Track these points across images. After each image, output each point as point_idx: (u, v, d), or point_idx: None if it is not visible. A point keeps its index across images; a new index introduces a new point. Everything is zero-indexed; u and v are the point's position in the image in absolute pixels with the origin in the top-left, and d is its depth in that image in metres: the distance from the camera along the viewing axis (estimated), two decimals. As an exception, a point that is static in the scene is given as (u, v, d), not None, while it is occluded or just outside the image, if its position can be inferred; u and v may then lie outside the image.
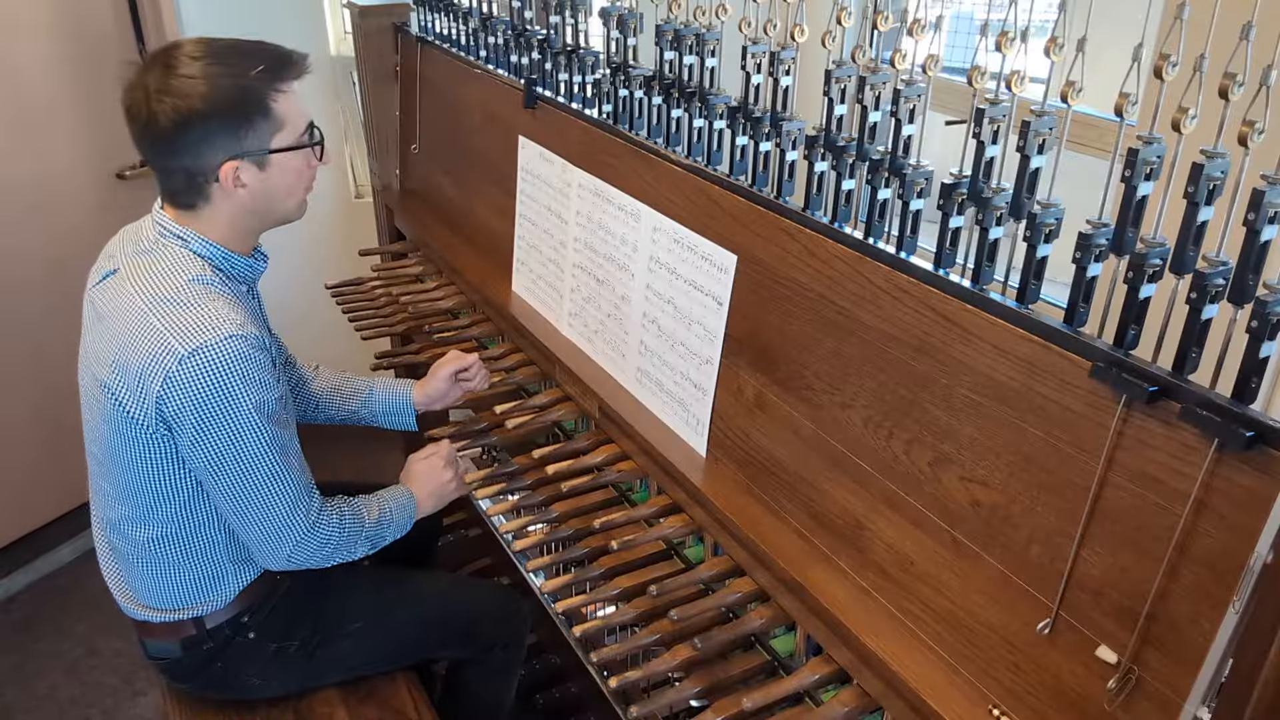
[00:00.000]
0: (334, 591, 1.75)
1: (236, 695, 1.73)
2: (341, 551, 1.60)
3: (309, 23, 3.09)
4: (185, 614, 1.61)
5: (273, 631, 1.67)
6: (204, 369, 1.37)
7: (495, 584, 2.05)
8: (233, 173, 1.42)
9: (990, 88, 1.14)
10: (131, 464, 1.48)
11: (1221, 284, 0.95)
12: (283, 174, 1.48)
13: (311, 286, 2.53)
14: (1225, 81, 0.91)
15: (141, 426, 1.43)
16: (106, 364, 1.44)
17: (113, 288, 1.48)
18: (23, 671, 2.57)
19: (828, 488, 1.34)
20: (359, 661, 1.77)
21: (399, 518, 1.67)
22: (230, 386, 1.38)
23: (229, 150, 1.41)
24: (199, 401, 1.38)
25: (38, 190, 2.67)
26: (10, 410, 2.75)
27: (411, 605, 1.81)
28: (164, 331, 1.38)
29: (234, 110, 1.40)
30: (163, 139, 1.40)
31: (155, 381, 1.38)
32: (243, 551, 1.61)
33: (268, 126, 1.43)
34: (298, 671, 1.72)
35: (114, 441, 1.48)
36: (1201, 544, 0.93)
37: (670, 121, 1.65)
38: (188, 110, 1.37)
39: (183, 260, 1.46)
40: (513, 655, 1.92)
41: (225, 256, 1.50)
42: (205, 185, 1.44)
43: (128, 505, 1.54)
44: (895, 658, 1.17)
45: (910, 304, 1.20)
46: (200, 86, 1.37)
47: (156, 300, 1.41)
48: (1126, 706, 1.00)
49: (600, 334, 1.80)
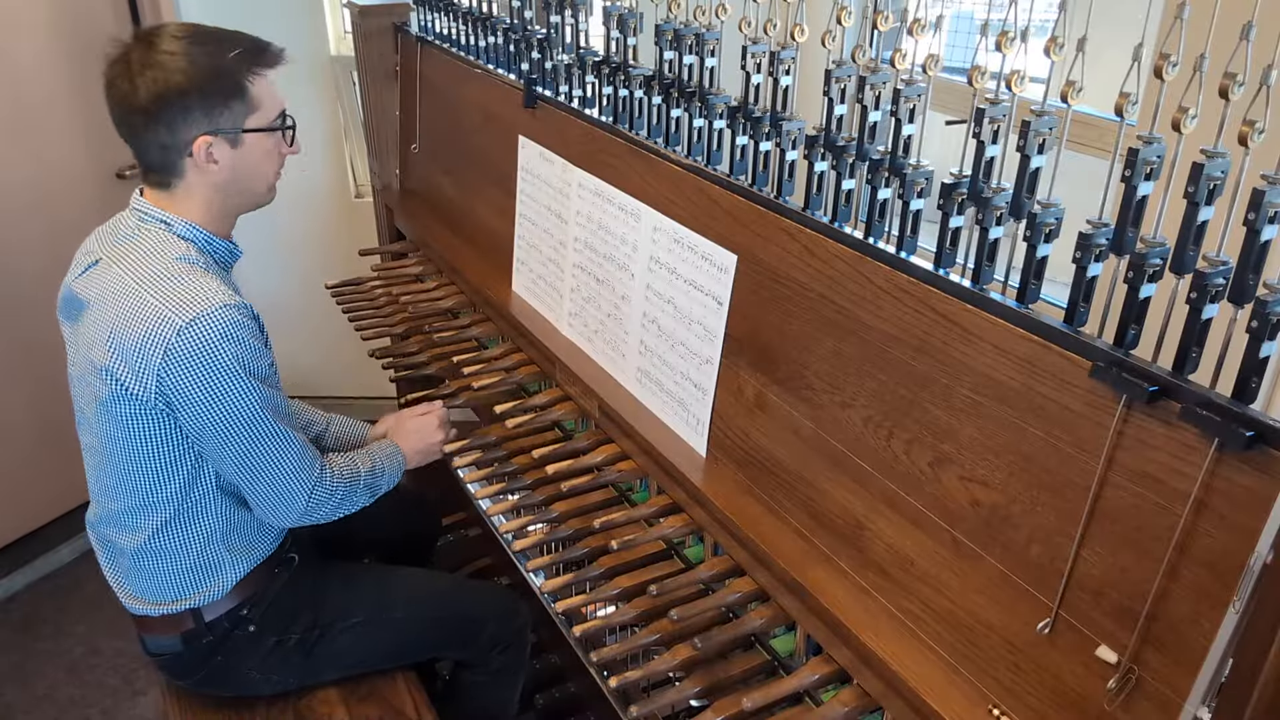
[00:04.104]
0: (334, 585, 1.76)
1: (236, 691, 1.73)
2: (348, 502, 1.66)
3: (309, 23, 3.09)
4: (183, 605, 1.61)
5: (272, 625, 1.68)
6: (202, 338, 1.41)
7: (496, 586, 2.05)
8: (206, 148, 1.48)
9: (990, 88, 1.14)
10: (130, 448, 1.50)
11: (1222, 284, 0.95)
12: (253, 154, 1.54)
13: (311, 286, 2.53)
14: (1225, 81, 0.91)
15: (141, 403, 1.46)
16: (102, 347, 1.46)
17: (98, 275, 1.51)
18: (23, 671, 2.57)
19: (828, 488, 1.34)
20: (357, 658, 1.78)
21: (390, 468, 1.75)
22: (228, 353, 1.43)
23: (203, 126, 1.47)
24: (200, 370, 1.42)
25: (37, 189, 2.67)
26: (10, 409, 2.76)
27: (411, 603, 1.81)
28: (159, 305, 1.42)
29: (211, 87, 1.46)
30: (142, 111, 1.45)
31: (156, 354, 1.41)
32: (239, 540, 1.62)
33: (243, 107, 1.50)
34: (297, 667, 1.72)
35: (111, 428, 1.50)
36: (1201, 544, 0.93)
37: (670, 121, 1.65)
38: (167, 83, 1.43)
39: (167, 242, 1.51)
40: (513, 658, 1.91)
41: (207, 239, 1.56)
42: (179, 160, 1.49)
43: (127, 496, 1.55)
44: (895, 657, 1.17)
45: (910, 304, 1.20)
46: (181, 62, 1.44)
47: (147, 278, 1.45)
48: (1126, 706, 1.00)
49: (600, 334, 1.80)
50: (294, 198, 3.28)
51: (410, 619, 1.80)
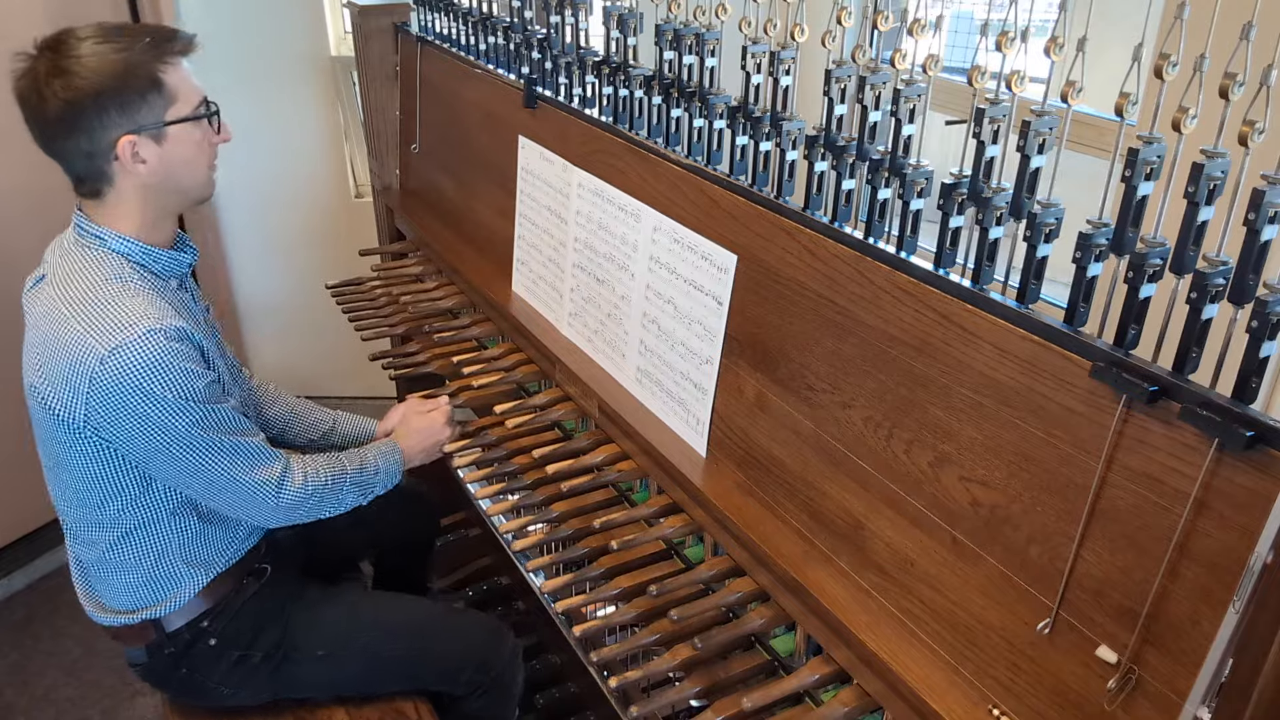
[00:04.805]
0: (306, 607, 1.71)
1: (209, 703, 1.70)
2: (330, 501, 1.62)
3: (309, 23, 3.08)
4: (143, 615, 1.59)
5: (234, 640, 1.64)
6: (126, 367, 1.37)
7: (483, 619, 1.87)
8: (130, 148, 1.42)
9: (990, 88, 1.14)
10: (72, 466, 1.48)
11: (1222, 284, 0.95)
12: (180, 147, 1.47)
13: (311, 286, 2.53)
14: (1225, 81, 0.91)
15: (72, 429, 1.43)
16: (35, 370, 1.45)
17: (42, 294, 1.48)
18: (22, 671, 2.57)
19: (828, 488, 1.34)
20: (325, 687, 1.72)
21: (385, 467, 1.71)
22: (152, 382, 1.38)
23: (123, 126, 1.41)
24: (126, 400, 1.38)
25: (31, 194, 2.66)
26: (7, 409, 2.75)
27: (385, 641, 1.73)
28: (83, 333, 1.38)
29: (123, 84, 1.40)
30: (56, 121, 1.40)
31: (83, 385, 1.38)
32: (200, 554, 1.60)
33: (160, 100, 1.43)
34: (265, 685, 1.68)
35: (53, 446, 1.49)
36: (1201, 544, 0.93)
37: (670, 121, 1.65)
38: (77, 89, 1.37)
39: (100, 260, 1.46)
40: (497, 701, 1.81)
41: (145, 251, 1.49)
42: (106, 166, 1.44)
43: (79, 507, 1.54)
44: (895, 657, 1.17)
45: (910, 304, 1.20)
46: (90, 63, 1.38)
47: (74, 302, 1.41)
48: (1126, 706, 1.00)
49: (600, 334, 1.80)
50: (294, 198, 3.29)
51: (380, 659, 1.72)
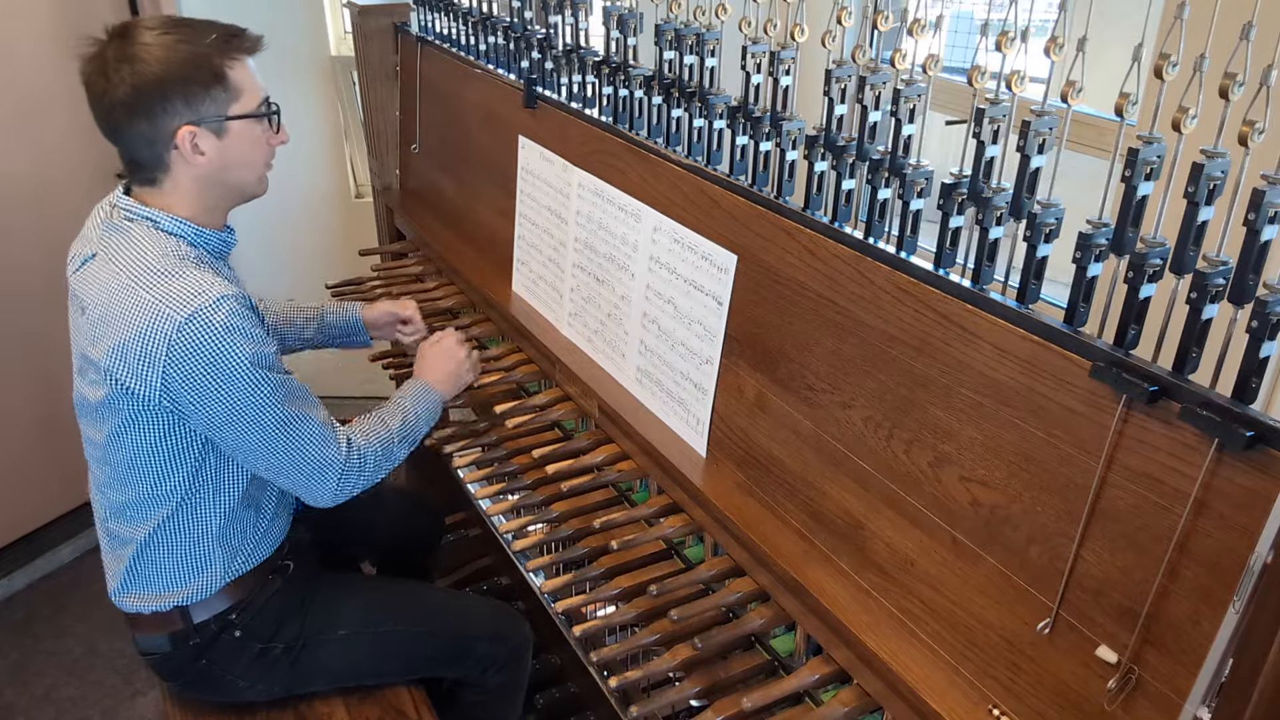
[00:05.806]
0: (325, 595, 1.74)
1: (221, 697, 1.71)
2: (386, 464, 1.64)
3: (309, 23, 3.09)
4: (171, 600, 1.60)
5: (259, 632, 1.66)
6: (205, 333, 1.39)
7: (496, 603, 1.95)
8: (190, 139, 1.45)
9: (990, 88, 1.14)
10: (133, 444, 1.49)
11: (1222, 284, 0.95)
12: (239, 143, 1.50)
13: (311, 286, 2.53)
14: (1225, 81, 0.91)
15: (144, 402, 1.44)
16: (100, 345, 1.45)
17: (92, 273, 1.49)
18: (23, 671, 2.57)
19: (828, 488, 1.34)
20: (342, 672, 1.75)
21: (423, 409, 1.73)
22: (230, 345, 1.41)
23: (185, 116, 1.44)
24: (207, 366, 1.40)
25: (37, 183, 2.67)
26: (8, 407, 2.75)
27: (402, 617, 1.77)
28: (156, 302, 1.40)
29: (189, 76, 1.43)
30: (121, 106, 1.42)
31: (159, 354, 1.40)
32: (235, 539, 1.61)
33: (224, 95, 1.46)
34: (282, 677, 1.70)
35: (113, 425, 1.49)
36: (1201, 544, 0.93)
37: (670, 121, 1.65)
38: (144, 76, 1.40)
39: (155, 238, 1.48)
40: (511, 678, 1.85)
41: (197, 232, 1.52)
42: (164, 154, 1.46)
43: (132, 489, 1.54)
44: (895, 658, 1.17)
45: (910, 304, 1.21)
46: (157, 52, 1.41)
47: (139, 274, 1.43)
48: (1126, 706, 1.00)
49: (600, 334, 1.80)
50: (294, 198, 3.28)
51: (400, 633, 1.75)
